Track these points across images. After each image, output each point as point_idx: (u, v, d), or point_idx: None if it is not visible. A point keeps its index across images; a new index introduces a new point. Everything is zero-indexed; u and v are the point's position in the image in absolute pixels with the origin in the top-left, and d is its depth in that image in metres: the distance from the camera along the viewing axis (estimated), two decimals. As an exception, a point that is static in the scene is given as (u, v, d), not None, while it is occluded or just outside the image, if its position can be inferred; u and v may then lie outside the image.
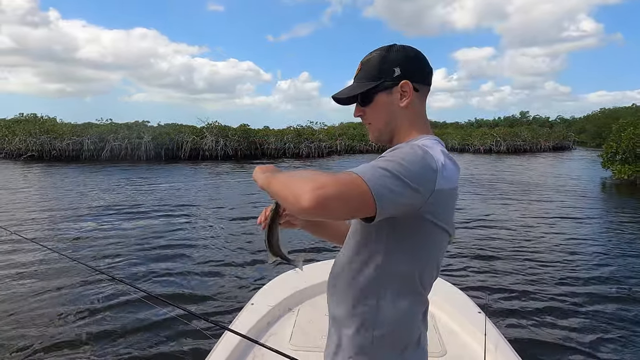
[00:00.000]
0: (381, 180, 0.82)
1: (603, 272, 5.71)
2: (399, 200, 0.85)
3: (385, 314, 1.01)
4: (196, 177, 17.79)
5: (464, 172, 18.61)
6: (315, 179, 0.79)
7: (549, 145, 40.12)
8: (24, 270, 5.50)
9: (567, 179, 17.24)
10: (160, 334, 3.81)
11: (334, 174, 0.81)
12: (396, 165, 0.85)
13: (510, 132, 39.49)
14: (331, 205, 0.78)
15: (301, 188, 0.79)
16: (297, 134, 31.93)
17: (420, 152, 0.90)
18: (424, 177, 0.88)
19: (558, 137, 42.93)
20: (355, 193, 0.80)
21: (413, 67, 1.07)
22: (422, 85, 1.09)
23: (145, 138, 26.67)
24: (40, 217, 9.00)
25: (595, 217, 9.93)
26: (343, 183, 0.79)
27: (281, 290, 2.59)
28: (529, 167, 24.15)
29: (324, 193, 0.77)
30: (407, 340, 1.04)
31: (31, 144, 26.01)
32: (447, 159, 0.96)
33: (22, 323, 4.03)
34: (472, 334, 2.19)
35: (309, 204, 0.77)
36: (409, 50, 1.08)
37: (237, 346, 1.96)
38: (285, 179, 0.88)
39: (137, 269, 5.69)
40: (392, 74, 1.06)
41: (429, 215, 0.94)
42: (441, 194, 0.91)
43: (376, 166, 0.85)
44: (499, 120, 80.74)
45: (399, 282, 1.01)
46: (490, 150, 37.02)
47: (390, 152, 0.92)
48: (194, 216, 9.40)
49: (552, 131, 44.87)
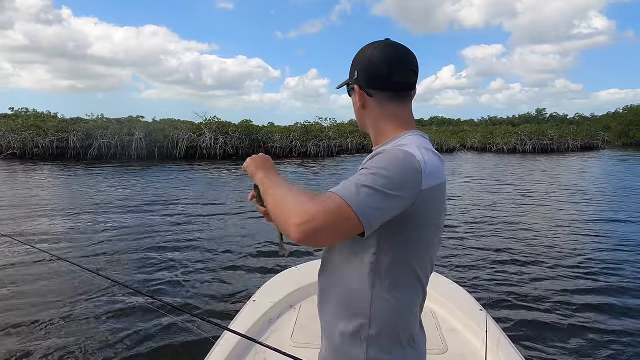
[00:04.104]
0: (365, 201, 0.82)
1: (612, 276, 5.42)
2: (385, 214, 0.87)
3: (378, 312, 0.99)
4: (192, 178, 16.28)
5: (496, 177, 16.09)
6: (304, 210, 0.80)
7: (577, 145, 37.01)
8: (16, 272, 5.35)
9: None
10: (159, 334, 3.76)
11: (320, 199, 0.82)
12: (379, 178, 0.85)
13: (536, 130, 36.39)
14: (320, 237, 0.81)
15: (290, 218, 0.81)
16: (305, 131, 29.24)
17: (401, 156, 0.90)
18: (408, 181, 0.89)
19: (586, 135, 39.70)
20: (343, 221, 0.81)
21: (367, 72, 1.06)
22: (376, 90, 1.07)
23: (137, 135, 24.12)
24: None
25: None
26: (330, 213, 0.80)
27: (282, 288, 2.59)
28: (574, 169, 21.21)
29: (312, 227, 0.79)
30: (401, 337, 1.01)
31: (13, 141, 23.65)
32: (429, 154, 0.96)
33: (21, 331, 3.83)
34: (473, 332, 2.18)
35: (298, 237, 0.80)
36: (379, 51, 1.05)
37: (237, 345, 1.94)
38: (278, 198, 0.89)
39: (132, 271, 5.55)
40: (354, 76, 1.09)
41: (418, 214, 0.93)
42: (428, 192, 0.92)
43: (359, 184, 0.84)
44: (513, 118, 78.16)
45: (392, 278, 0.99)
46: (515, 150, 34.10)
47: (373, 161, 0.92)
48: (191, 217, 8.92)
49: (579, 129, 41.59)
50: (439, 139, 34.19)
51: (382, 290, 0.98)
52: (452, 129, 47.07)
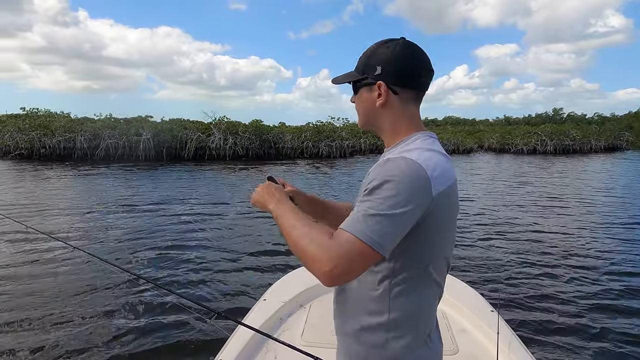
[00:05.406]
0: (374, 231, 0.84)
1: (631, 280, 5.16)
2: (399, 234, 0.88)
3: (396, 314, 0.99)
4: (201, 178, 15.87)
5: (519, 179, 15.28)
6: (327, 258, 0.83)
7: (601, 145, 35.46)
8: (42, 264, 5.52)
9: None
10: (174, 328, 3.79)
11: (338, 242, 0.85)
12: (384, 200, 0.86)
13: (557, 130, 34.94)
14: (346, 279, 0.87)
15: (314, 263, 0.85)
16: (317, 131, 28.37)
17: (405, 166, 0.89)
18: (417, 191, 0.88)
19: (610, 135, 38.05)
20: (362, 258, 0.85)
21: (394, 68, 1.02)
22: (403, 88, 1.04)
23: (145, 135, 23.52)
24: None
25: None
26: (349, 256, 0.83)
27: (293, 287, 2.58)
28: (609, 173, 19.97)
29: (337, 274, 0.83)
30: (420, 336, 1.02)
31: (21, 141, 23.27)
32: (436, 156, 0.95)
33: (39, 323, 3.90)
34: (484, 333, 2.16)
35: (326, 284, 0.86)
36: (403, 49, 1.02)
37: (250, 340, 1.97)
38: (296, 239, 0.90)
39: (146, 267, 5.58)
40: (374, 71, 1.04)
41: (432, 219, 0.93)
42: (440, 196, 0.92)
43: (366, 215, 0.86)
44: (530, 118, 76.17)
45: (409, 281, 0.99)
46: (535, 151, 32.74)
47: (378, 175, 0.90)
48: (199, 217, 8.80)
49: (602, 129, 39.93)
50: (455, 139, 33.03)
51: (400, 292, 0.99)
52: (468, 129, 45.74)
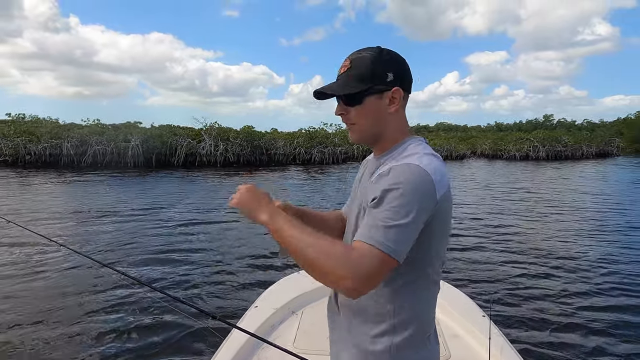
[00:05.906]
0: (396, 241, 0.87)
1: (624, 288, 5.09)
2: (413, 239, 0.91)
3: (400, 317, 1.01)
4: (191, 185, 15.63)
5: (512, 185, 15.47)
6: (352, 273, 0.84)
7: (592, 151, 35.60)
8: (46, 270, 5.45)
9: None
10: (169, 330, 3.81)
11: (358, 255, 0.86)
12: (400, 209, 0.88)
13: (549, 136, 35.03)
14: (370, 290, 0.89)
15: (339, 279, 0.86)
16: (309, 137, 28.07)
17: (412, 175, 0.91)
18: (425, 197, 0.90)
19: (601, 141, 38.26)
20: (383, 267, 0.87)
21: (404, 73, 1.06)
22: (407, 93, 1.09)
23: (134, 142, 23.01)
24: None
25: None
26: (373, 269, 0.86)
27: (284, 293, 2.57)
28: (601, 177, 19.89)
29: (363, 288, 0.87)
30: (421, 338, 1.04)
31: (5, 148, 22.63)
32: (435, 160, 0.97)
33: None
34: (476, 338, 2.15)
35: (352, 297, 0.90)
36: (398, 55, 1.07)
37: (243, 345, 1.97)
38: (308, 255, 0.89)
39: (140, 270, 5.59)
40: (386, 78, 1.04)
41: (434, 222, 0.95)
42: (442, 200, 0.94)
43: (385, 226, 0.87)
44: (521, 124, 76.78)
45: (412, 285, 1.01)
46: (527, 157, 32.76)
47: (388, 183, 0.92)
48: (189, 224, 8.76)
49: (593, 135, 40.16)
50: (448, 145, 32.95)
51: (402, 297, 1.01)
52: (460, 135, 45.79)
